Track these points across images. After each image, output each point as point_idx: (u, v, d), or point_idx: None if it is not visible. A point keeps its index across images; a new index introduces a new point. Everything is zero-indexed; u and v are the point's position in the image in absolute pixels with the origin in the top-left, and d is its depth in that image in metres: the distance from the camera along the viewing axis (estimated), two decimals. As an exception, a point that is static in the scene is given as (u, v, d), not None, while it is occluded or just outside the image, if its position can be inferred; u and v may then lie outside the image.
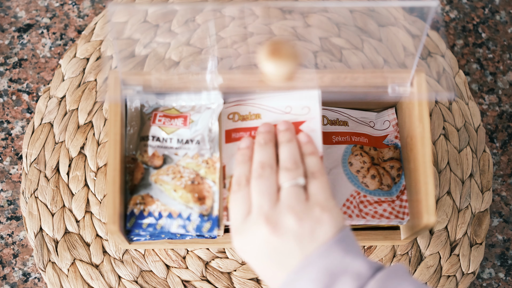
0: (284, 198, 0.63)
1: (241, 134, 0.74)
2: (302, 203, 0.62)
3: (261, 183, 0.64)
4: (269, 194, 0.63)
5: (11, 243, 0.80)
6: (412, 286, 0.58)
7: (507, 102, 0.86)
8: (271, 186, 0.64)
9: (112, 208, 0.64)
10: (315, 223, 0.61)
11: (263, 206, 0.62)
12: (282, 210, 0.62)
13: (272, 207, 0.62)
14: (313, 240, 0.60)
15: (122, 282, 0.78)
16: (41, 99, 0.83)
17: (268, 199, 0.63)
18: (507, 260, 0.81)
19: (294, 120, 0.74)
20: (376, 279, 0.58)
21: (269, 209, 0.62)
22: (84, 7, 0.88)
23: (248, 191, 0.65)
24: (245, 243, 0.63)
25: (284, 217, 0.61)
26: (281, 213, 0.62)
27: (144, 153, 0.69)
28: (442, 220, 0.80)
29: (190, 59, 0.84)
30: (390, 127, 0.77)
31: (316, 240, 0.60)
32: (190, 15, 0.86)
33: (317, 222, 0.61)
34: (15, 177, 0.82)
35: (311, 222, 0.61)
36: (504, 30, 0.89)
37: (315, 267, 0.59)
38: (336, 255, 0.59)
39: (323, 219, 0.61)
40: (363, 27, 0.86)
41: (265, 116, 0.74)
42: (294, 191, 0.63)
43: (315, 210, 0.62)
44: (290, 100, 0.74)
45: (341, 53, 0.85)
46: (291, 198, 0.63)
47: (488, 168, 0.82)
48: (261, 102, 0.74)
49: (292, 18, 0.86)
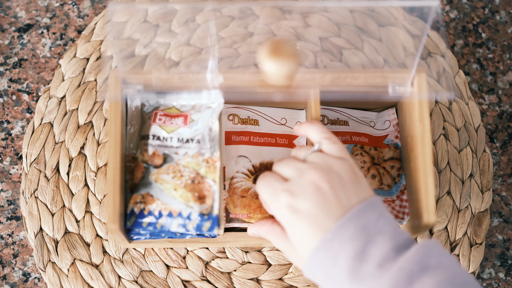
0: (313, 159, 0.64)
1: (240, 138, 0.76)
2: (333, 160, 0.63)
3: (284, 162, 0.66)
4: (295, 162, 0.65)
5: (11, 243, 0.80)
6: (452, 261, 0.59)
7: (507, 102, 0.86)
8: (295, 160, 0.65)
9: (112, 207, 0.64)
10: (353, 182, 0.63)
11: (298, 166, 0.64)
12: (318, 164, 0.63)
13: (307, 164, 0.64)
14: (352, 199, 0.61)
15: (122, 282, 0.78)
16: (41, 99, 0.83)
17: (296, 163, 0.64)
18: (507, 260, 0.81)
19: (289, 132, 0.77)
20: (419, 245, 0.59)
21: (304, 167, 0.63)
22: (84, 7, 0.88)
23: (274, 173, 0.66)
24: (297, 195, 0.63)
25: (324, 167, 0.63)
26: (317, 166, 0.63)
27: (144, 152, 0.69)
28: (442, 220, 0.80)
29: (190, 59, 0.84)
30: (390, 127, 0.78)
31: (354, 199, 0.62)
32: (190, 15, 0.86)
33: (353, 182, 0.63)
34: (15, 177, 0.82)
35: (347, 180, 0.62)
36: (504, 30, 0.89)
37: (353, 225, 0.60)
38: (371, 215, 0.60)
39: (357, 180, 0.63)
40: (363, 27, 0.86)
41: (263, 124, 0.77)
42: (317, 154, 0.65)
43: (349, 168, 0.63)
44: (284, 112, 0.78)
45: (341, 53, 0.85)
46: (318, 158, 0.64)
47: (488, 168, 0.82)
48: (259, 109, 0.78)
49: (292, 18, 0.86)
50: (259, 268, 0.78)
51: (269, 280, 0.78)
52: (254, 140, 0.76)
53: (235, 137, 0.76)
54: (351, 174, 0.63)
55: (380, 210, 0.62)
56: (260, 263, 0.78)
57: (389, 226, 0.60)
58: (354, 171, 0.63)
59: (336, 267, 0.59)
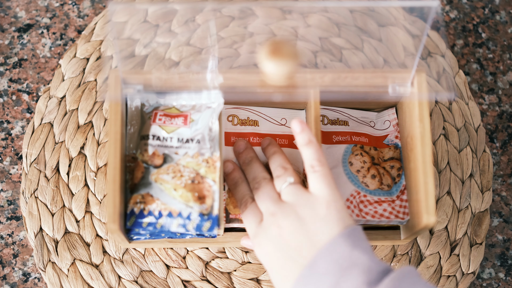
0: (285, 198, 0.66)
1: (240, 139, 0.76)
2: (303, 199, 0.65)
3: (262, 192, 0.68)
4: (271, 197, 0.67)
5: (11, 243, 0.80)
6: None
7: (507, 102, 0.86)
8: (271, 191, 0.67)
9: (112, 207, 0.64)
10: (321, 219, 0.63)
11: (270, 208, 0.66)
12: (287, 208, 0.65)
13: (278, 207, 0.65)
14: (322, 235, 0.62)
15: (122, 282, 0.78)
16: (41, 99, 0.83)
17: (272, 201, 0.66)
18: (507, 260, 0.81)
19: (289, 132, 0.77)
20: (390, 278, 0.58)
21: (276, 209, 0.65)
22: (84, 7, 0.88)
23: (255, 205, 0.68)
24: (261, 244, 0.65)
25: (290, 213, 0.64)
26: (286, 211, 0.64)
27: (144, 152, 0.69)
28: (442, 220, 0.80)
29: (190, 59, 0.84)
30: (390, 127, 0.77)
31: (324, 235, 0.62)
32: (190, 15, 0.86)
33: (324, 218, 0.63)
34: (15, 177, 0.82)
35: (316, 217, 0.63)
36: (504, 30, 0.89)
37: (325, 261, 0.60)
38: (344, 248, 0.60)
39: (329, 214, 0.63)
40: (363, 27, 0.86)
41: (262, 124, 0.77)
42: (291, 189, 0.66)
43: (318, 204, 0.64)
44: (284, 112, 0.78)
45: (341, 53, 0.85)
46: (291, 196, 0.66)
47: (488, 168, 0.82)
48: (259, 109, 0.78)
49: (292, 18, 0.86)
50: (259, 268, 0.78)
51: (269, 280, 0.78)
52: (253, 141, 0.76)
53: (235, 138, 0.76)
54: (323, 209, 0.63)
55: (355, 241, 0.61)
56: (260, 263, 0.78)
57: (364, 257, 0.60)
58: (328, 205, 0.63)
59: None
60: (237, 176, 0.72)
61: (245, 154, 0.73)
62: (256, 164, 0.72)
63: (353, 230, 0.62)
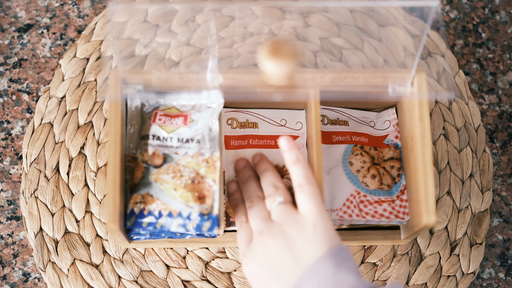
0: (274, 218, 0.66)
1: (239, 142, 0.76)
2: (291, 218, 0.65)
3: (253, 211, 0.68)
4: (261, 216, 0.67)
5: (11, 243, 0.80)
6: None
7: (507, 102, 0.86)
8: (262, 210, 0.68)
9: (112, 207, 0.64)
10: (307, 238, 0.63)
11: (259, 227, 0.66)
12: (274, 228, 0.65)
13: (266, 226, 0.66)
14: (307, 255, 0.62)
15: (122, 282, 0.78)
16: (41, 99, 0.83)
17: (261, 220, 0.66)
18: (507, 260, 0.81)
19: (289, 133, 0.76)
20: None
21: (264, 228, 0.65)
22: (84, 7, 0.88)
23: (248, 225, 0.69)
24: (249, 263, 0.66)
25: (277, 233, 0.64)
26: (273, 231, 0.65)
27: (144, 152, 0.69)
28: (442, 220, 0.80)
29: (190, 59, 0.84)
30: (390, 127, 0.77)
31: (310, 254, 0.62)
32: (190, 15, 0.86)
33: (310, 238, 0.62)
34: (15, 177, 0.82)
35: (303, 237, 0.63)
36: (504, 30, 0.89)
37: (309, 283, 0.60)
38: (329, 269, 0.60)
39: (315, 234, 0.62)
40: (363, 27, 0.86)
41: (262, 126, 0.77)
42: (280, 209, 0.66)
43: (305, 224, 0.64)
44: (284, 113, 0.78)
45: (341, 53, 0.85)
46: (279, 215, 0.66)
47: (488, 168, 0.82)
48: (257, 111, 0.78)
49: (292, 18, 0.86)
50: (259, 268, 0.78)
51: (269, 280, 0.78)
52: (253, 143, 0.76)
53: (234, 142, 0.76)
54: (310, 229, 0.63)
55: (340, 261, 0.61)
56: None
57: (349, 277, 0.59)
58: (315, 224, 0.63)
59: None
60: (237, 197, 0.72)
61: (243, 173, 0.74)
62: (251, 183, 0.72)
63: (339, 251, 0.61)
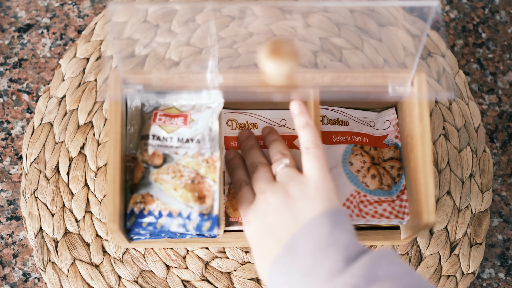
0: (279, 179, 0.67)
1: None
2: (295, 179, 0.66)
3: (257, 174, 0.69)
4: (265, 178, 0.68)
5: (11, 243, 0.80)
6: (402, 269, 0.58)
7: (507, 102, 0.86)
8: (267, 173, 0.68)
9: (112, 207, 0.64)
10: (308, 197, 0.63)
11: (262, 187, 0.67)
12: (277, 187, 0.66)
13: (269, 185, 0.67)
14: (306, 213, 0.63)
15: (122, 282, 0.78)
16: (41, 99, 0.83)
17: (265, 181, 0.67)
18: (507, 260, 0.81)
19: (290, 133, 0.76)
20: (368, 256, 0.58)
21: (267, 187, 0.66)
22: (84, 7, 0.88)
23: (249, 187, 0.69)
24: (249, 221, 0.67)
25: (280, 191, 0.65)
26: (276, 189, 0.66)
27: (144, 152, 0.69)
28: (442, 220, 0.80)
29: (190, 59, 0.84)
30: (390, 126, 0.77)
31: (308, 212, 0.62)
32: (190, 15, 0.86)
33: (310, 197, 0.63)
34: (15, 177, 0.82)
35: (304, 196, 0.64)
36: (504, 30, 0.89)
37: (303, 240, 0.61)
38: (324, 226, 0.61)
39: (316, 194, 0.63)
40: (363, 27, 0.86)
41: (261, 126, 0.78)
42: (285, 171, 0.67)
43: (308, 184, 0.65)
44: (283, 113, 0.78)
45: (341, 53, 0.85)
46: (283, 176, 0.67)
47: (488, 168, 0.82)
48: (257, 112, 0.78)
49: (292, 18, 0.86)
50: (259, 268, 0.78)
51: (269, 280, 0.78)
52: None
53: (234, 143, 0.76)
54: (312, 189, 0.64)
55: (337, 221, 0.61)
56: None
57: (344, 236, 0.60)
58: (317, 185, 0.64)
59: (289, 284, 0.60)
60: (236, 162, 0.73)
61: (246, 141, 0.75)
62: (255, 150, 0.73)
63: (337, 211, 0.62)
